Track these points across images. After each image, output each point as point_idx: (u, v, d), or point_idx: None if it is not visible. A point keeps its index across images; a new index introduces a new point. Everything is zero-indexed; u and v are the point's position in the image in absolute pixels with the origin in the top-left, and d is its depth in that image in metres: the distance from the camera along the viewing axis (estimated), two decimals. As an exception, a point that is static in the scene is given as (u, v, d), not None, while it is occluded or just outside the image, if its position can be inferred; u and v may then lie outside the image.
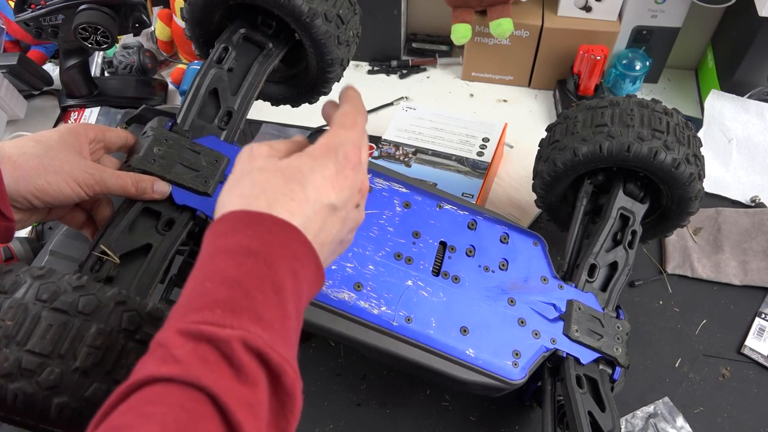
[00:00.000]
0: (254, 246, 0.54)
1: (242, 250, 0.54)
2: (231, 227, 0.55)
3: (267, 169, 0.59)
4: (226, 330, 0.49)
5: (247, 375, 0.48)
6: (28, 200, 0.70)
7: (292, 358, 0.53)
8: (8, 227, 0.68)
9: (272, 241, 0.55)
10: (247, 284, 0.53)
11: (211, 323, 0.49)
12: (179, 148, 0.83)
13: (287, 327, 0.54)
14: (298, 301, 0.56)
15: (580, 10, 1.40)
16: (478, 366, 0.80)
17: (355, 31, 1.00)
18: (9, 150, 0.69)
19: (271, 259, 0.54)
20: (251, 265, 0.54)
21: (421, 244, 0.87)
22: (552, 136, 1.01)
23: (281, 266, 0.55)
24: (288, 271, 0.55)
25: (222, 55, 0.92)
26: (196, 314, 0.50)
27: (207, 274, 0.53)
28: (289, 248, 0.56)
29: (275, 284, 0.54)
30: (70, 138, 0.75)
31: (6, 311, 0.61)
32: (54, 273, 0.66)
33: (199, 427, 0.44)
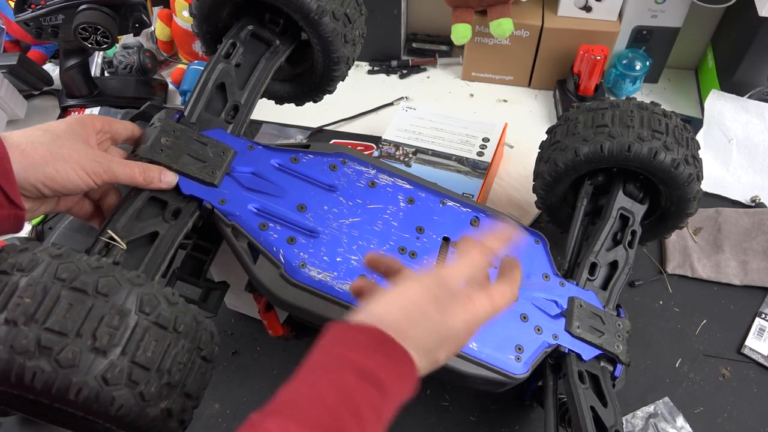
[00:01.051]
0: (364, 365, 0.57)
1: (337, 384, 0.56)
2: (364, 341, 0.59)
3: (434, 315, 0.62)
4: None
5: None
6: (37, 188, 0.70)
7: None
8: (18, 215, 0.68)
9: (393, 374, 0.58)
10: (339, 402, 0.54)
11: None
12: (186, 139, 0.83)
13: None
14: (392, 407, 0.58)
15: (580, 10, 1.41)
16: (481, 360, 0.80)
17: (360, 30, 1.00)
18: (17, 139, 0.70)
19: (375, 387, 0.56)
20: (344, 398, 0.55)
21: (425, 239, 0.87)
22: (553, 138, 1.02)
23: (380, 398, 0.56)
24: (388, 403, 0.57)
25: (230, 51, 0.93)
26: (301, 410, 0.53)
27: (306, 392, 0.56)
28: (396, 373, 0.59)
29: (372, 406, 0.55)
30: (77, 128, 0.75)
31: (25, 288, 0.62)
32: (72, 253, 0.66)
33: None
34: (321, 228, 0.83)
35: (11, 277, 0.63)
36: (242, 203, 0.82)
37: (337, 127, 1.47)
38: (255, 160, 0.86)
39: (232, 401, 1.03)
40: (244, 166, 0.85)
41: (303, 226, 0.83)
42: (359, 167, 0.90)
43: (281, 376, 1.05)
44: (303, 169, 0.87)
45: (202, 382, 0.72)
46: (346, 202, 0.86)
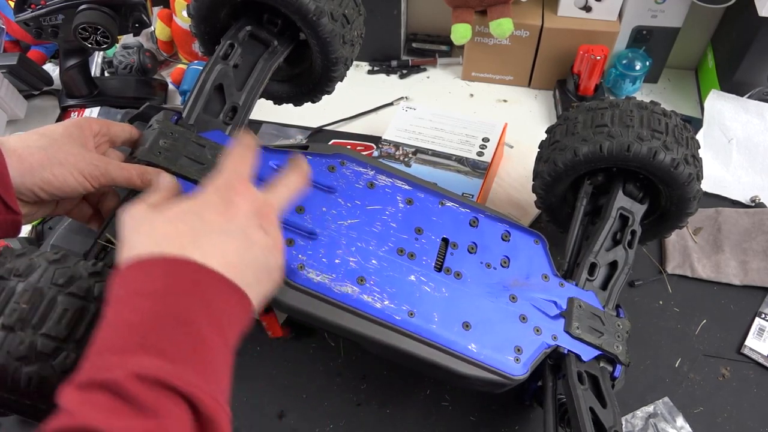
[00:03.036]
0: (146, 288, 0.55)
1: (133, 294, 0.55)
2: (124, 276, 0.57)
3: (147, 221, 0.61)
4: (114, 371, 0.49)
5: (142, 406, 0.48)
6: (34, 193, 0.70)
7: (211, 385, 0.53)
8: (15, 220, 0.68)
9: (170, 280, 0.56)
10: (140, 323, 0.53)
11: (100, 368, 0.50)
12: (185, 141, 0.83)
13: (202, 354, 0.54)
14: (219, 328, 0.56)
15: (580, 10, 1.41)
16: (480, 361, 0.80)
17: (359, 31, 1.00)
18: (14, 143, 0.69)
19: (172, 295, 0.55)
20: (144, 304, 0.54)
21: (424, 240, 0.87)
22: (552, 137, 1.02)
23: (184, 300, 0.55)
24: (196, 302, 0.55)
25: (228, 52, 0.93)
26: (88, 364, 0.51)
27: (104, 323, 0.54)
28: (190, 281, 0.57)
29: (179, 317, 0.54)
30: (74, 131, 0.75)
31: (21, 294, 0.62)
32: (69, 258, 0.66)
33: None
34: (319, 230, 0.83)
35: (8, 282, 0.63)
36: None
37: (336, 127, 1.47)
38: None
39: (232, 401, 1.02)
40: None
41: (301, 228, 0.83)
42: (358, 168, 0.90)
43: (281, 376, 1.05)
44: None
45: None
46: (344, 203, 0.86)
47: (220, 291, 0.58)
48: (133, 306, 0.54)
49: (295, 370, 1.07)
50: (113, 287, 0.56)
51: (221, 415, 0.52)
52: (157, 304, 0.54)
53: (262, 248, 0.63)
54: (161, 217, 0.61)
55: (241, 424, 1.01)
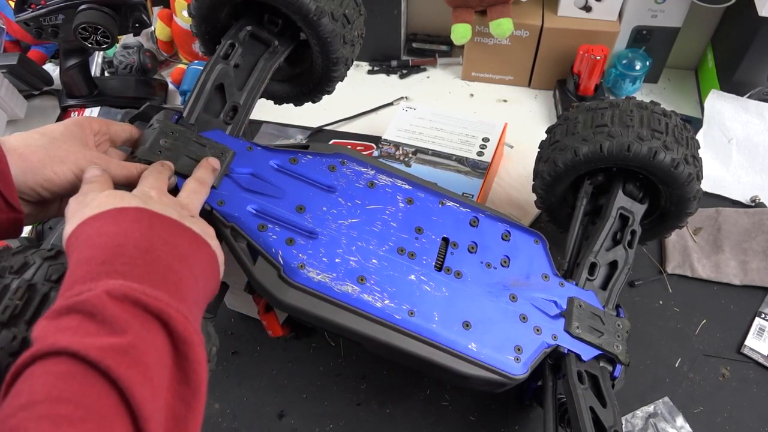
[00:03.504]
0: (106, 230, 0.58)
1: (94, 236, 0.57)
2: (76, 234, 0.59)
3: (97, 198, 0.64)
4: (84, 294, 0.50)
5: (113, 324, 0.49)
6: (36, 191, 0.70)
7: (183, 308, 0.54)
8: (17, 219, 0.68)
9: (128, 220, 0.60)
10: (105, 256, 0.55)
11: (69, 297, 0.51)
12: (185, 140, 0.83)
13: (171, 279, 0.56)
14: (181, 259, 0.59)
15: (580, 10, 1.41)
16: (480, 360, 0.80)
17: (359, 31, 1.00)
18: (14, 142, 0.69)
19: (133, 231, 0.58)
20: (105, 240, 0.56)
21: (424, 239, 0.87)
22: (552, 137, 1.02)
23: (146, 234, 0.58)
24: (156, 236, 0.59)
25: (228, 51, 0.93)
26: (58, 300, 0.52)
27: (69, 270, 0.56)
28: (147, 220, 0.60)
29: (141, 247, 0.56)
30: (74, 129, 0.75)
31: (15, 291, 0.62)
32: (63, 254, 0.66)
33: (73, 384, 0.45)
34: (320, 229, 0.83)
35: (3, 280, 0.63)
36: (241, 204, 0.82)
37: (337, 126, 1.47)
38: (254, 161, 0.86)
39: (232, 401, 1.03)
40: (242, 167, 0.85)
41: (302, 227, 0.83)
42: (358, 168, 0.90)
43: (281, 376, 1.06)
44: (302, 170, 0.87)
45: None
46: (345, 202, 0.86)
47: (175, 230, 0.62)
48: (96, 244, 0.56)
49: (295, 370, 1.07)
50: (74, 241, 0.58)
51: (193, 334, 0.53)
52: (119, 238, 0.56)
53: (199, 224, 0.68)
54: (109, 194, 0.65)
55: (241, 424, 1.01)
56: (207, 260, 0.64)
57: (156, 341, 0.51)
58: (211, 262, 0.65)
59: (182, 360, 0.52)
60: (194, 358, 0.53)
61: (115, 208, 0.61)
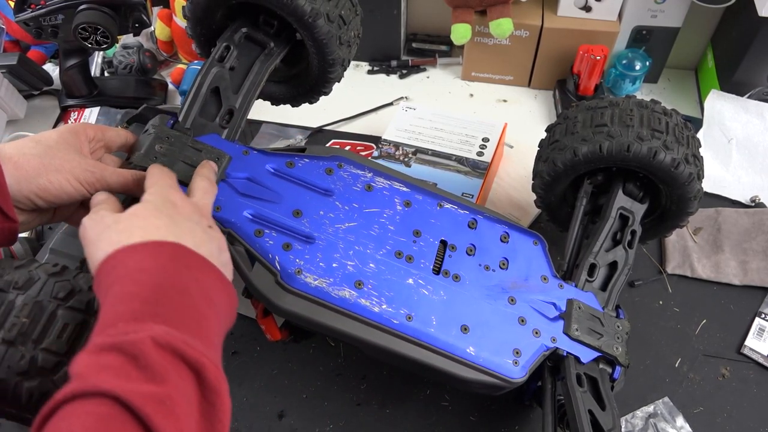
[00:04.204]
0: (145, 265, 0.58)
1: (134, 270, 0.57)
2: (112, 263, 0.59)
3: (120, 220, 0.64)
4: (130, 335, 0.50)
5: (154, 371, 0.49)
6: (31, 200, 0.70)
7: (213, 355, 0.55)
8: (12, 228, 0.68)
9: (165, 258, 0.59)
10: (147, 295, 0.55)
11: (114, 335, 0.51)
12: (181, 145, 0.83)
13: (203, 326, 0.57)
14: (210, 301, 0.59)
15: (580, 10, 1.40)
16: (478, 364, 0.80)
17: (356, 31, 1.00)
18: (9, 151, 0.69)
19: (170, 270, 0.58)
20: (147, 278, 0.56)
21: (422, 242, 0.87)
22: (552, 137, 1.01)
23: (181, 274, 0.58)
24: (190, 277, 0.59)
25: (224, 54, 0.93)
26: (100, 335, 0.52)
27: (108, 302, 0.56)
28: (182, 259, 0.60)
29: (178, 288, 0.57)
30: (69, 137, 0.74)
31: (21, 308, 0.62)
32: (68, 270, 0.66)
33: (112, 429, 0.45)
34: (317, 233, 0.83)
35: (7, 295, 0.63)
36: (237, 210, 0.82)
37: (336, 127, 1.47)
38: (250, 166, 0.86)
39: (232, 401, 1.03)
40: (239, 172, 0.84)
41: (299, 232, 0.82)
42: (355, 170, 0.89)
43: (281, 376, 1.06)
44: (299, 174, 0.87)
45: None
46: (342, 206, 0.86)
47: (204, 269, 0.62)
48: (137, 280, 0.56)
49: (295, 371, 1.07)
50: (110, 270, 0.58)
51: (222, 383, 0.54)
52: (159, 277, 0.57)
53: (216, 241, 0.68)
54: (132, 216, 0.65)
55: (241, 424, 1.01)
56: (228, 300, 0.65)
57: (189, 390, 0.51)
58: (231, 299, 0.66)
59: (209, 408, 0.52)
60: (221, 407, 0.53)
61: (153, 241, 0.60)
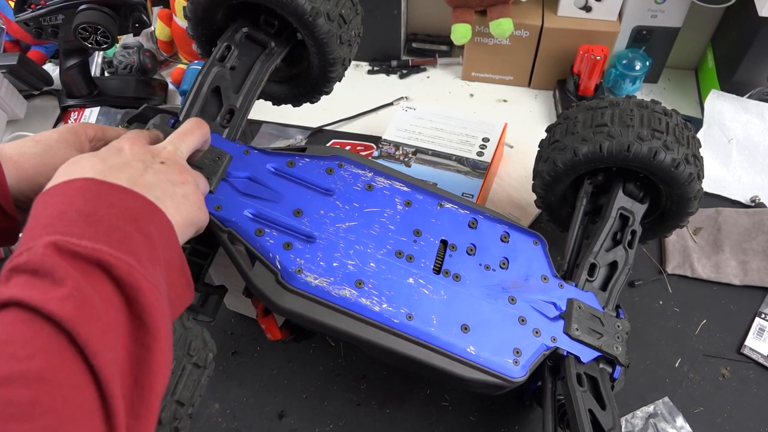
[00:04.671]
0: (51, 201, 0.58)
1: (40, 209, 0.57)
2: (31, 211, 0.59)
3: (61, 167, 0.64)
4: (24, 254, 0.51)
5: (54, 275, 0.49)
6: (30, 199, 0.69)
7: (124, 256, 0.54)
8: (12, 227, 0.68)
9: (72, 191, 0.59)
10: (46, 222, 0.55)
11: (12, 259, 0.51)
12: None
13: (114, 236, 0.55)
14: (132, 221, 0.58)
15: (580, 10, 1.40)
16: (479, 364, 0.80)
17: (356, 30, 1.00)
18: (9, 151, 0.69)
19: (78, 199, 0.58)
20: (49, 211, 0.56)
21: (422, 242, 0.87)
22: (552, 137, 1.01)
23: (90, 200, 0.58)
24: (102, 202, 0.58)
25: (224, 54, 0.92)
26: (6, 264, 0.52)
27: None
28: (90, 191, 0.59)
29: (81, 212, 0.56)
30: (69, 137, 0.75)
31: None
32: None
33: (21, 328, 0.46)
34: (317, 233, 0.83)
35: None
36: (238, 209, 0.82)
37: (337, 127, 1.47)
38: (251, 165, 0.86)
39: (232, 401, 1.03)
40: (239, 171, 0.84)
41: (299, 231, 0.82)
42: (356, 170, 0.89)
43: (281, 376, 1.06)
44: (299, 173, 0.87)
45: (195, 389, 0.72)
46: (342, 206, 0.86)
47: (126, 196, 0.60)
48: (41, 215, 0.56)
49: (295, 371, 1.07)
50: (30, 214, 0.58)
51: (140, 280, 0.53)
52: (62, 206, 0.56)
53: (167, 173, 0.67)
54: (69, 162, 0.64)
55: (241, 424, 1.01)
56: (161, 224, 0.63)
57: (102, 288, 0.51)
58: (166, 227, 0.63)
59: (133, 305, 0.52)
60: (144, 301, 0.53)
61: (63, 180, 0.60)
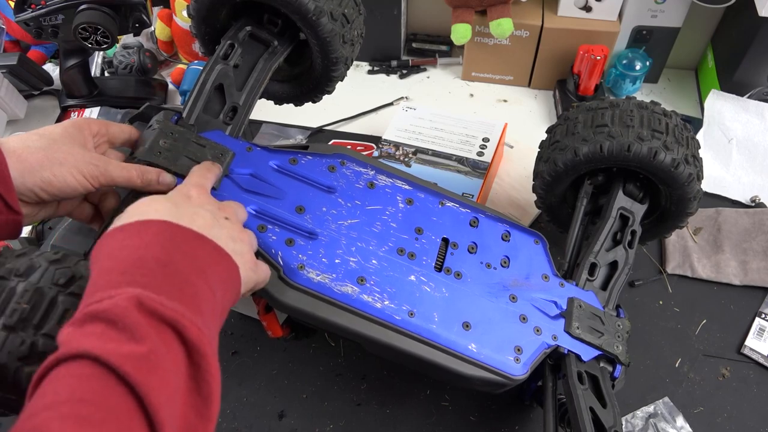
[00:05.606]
0: (127, 243, 0.59)
1: (116, 248, 0.59)
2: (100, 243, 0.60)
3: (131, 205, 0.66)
4: (105, 301, 0.51)
5: (133, 331, 0.50)
6: (35, 193, 0.70)
7: (198, 320, 0.55)
8: (16, 221, 0.68)
9: (151, 234, 0.60)
10: (126, 266, 0.56)
11: (92, 304, 0.52)
12: (185, 141, 0.83)
13: (187, 292, 0.57)
14: (201, 273, 0.60)
15: (580, 10, 1.41)
16: (480, 361, 0.80)
17: (359, 31, 1.00)
18: (13, 144, 0.69)
19: (155, 244, 0.59)
20: (127, 253, 0.57)
21: (424, 240, 0.87)
22: (552, 137, 1.02)
23: (166, 248, 0.59)
24: (177, 251, 0.60)
25: (228, 52, 0.93)
26: (81, 306, 0.53)
27: (91, 279, 0.57)
28: (170, 235, 0.61)
29: (157, 259, 0.57)
30: (73, 131, 0.75)
31: (22, 294, 0.62)
32: (69, 258, 0.66)
33: (95, 387, 0.46)
34: (320, 230, 0.83)
35: (9, 282, 0.63)
36: None
37: (337, 127, 1.47)
38: (253, 162, 0.86)
39: (232, 401, 1.03)
40: (242, 168, 0.85)
41: (302, 228, 0.83)
42: (358, 168, 0.90)
43: (281, 376, 1.06)
44: (302, 171, 0.87)
45: None
46: (344, 203, 0.86)
47: (196, 243, 0.62)
48: (118, 256, 0.57)
49: (295, 371, 1.07)
50: (98, 250, 0.59)
51: (206, 345, 0.54)
52: (140, 250, 0.58)
53: (229, 229, 0.68)
54: (139, 203, 0.66)
55: (241, 424, 1.01)
56: (226, 271, 0.65)
57: (171, 350, 0.52)
58: (231, 273, 0.65)
59: (196, 370, 0.53)
60: (207, 368, 0.53)
61: (139, 220, 0.61)
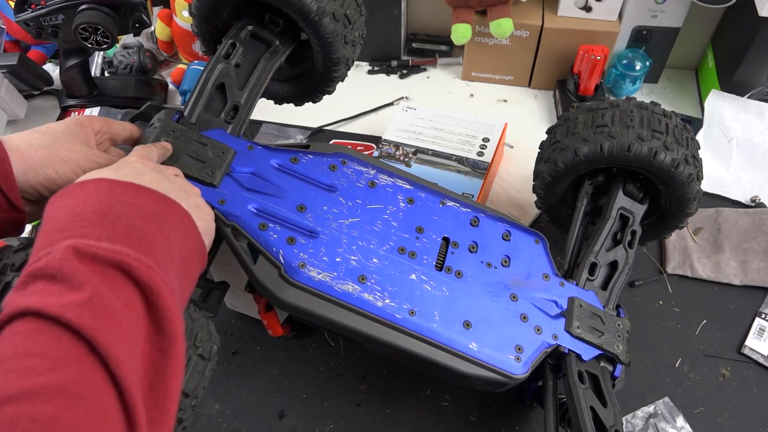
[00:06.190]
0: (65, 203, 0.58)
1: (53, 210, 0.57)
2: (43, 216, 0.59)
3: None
4: (42, 259, 0.51)
5: (72, 280, 0.49)
6: (37, 191, 0.70)
7: (145, 257, 0.54)
8: (19, 219, 0.68)
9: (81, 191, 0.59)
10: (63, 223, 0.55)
11: (31, 264, 0.51)
12: (186, 139, 0.83)
13: (132, 236, 0.56)
14: (147, 219, 0.59)
15: (580, 10, 1.41)
16: (480, 360, 0.80)
17: (360, 31, 1.01)
18: (16, 142, 0.69)
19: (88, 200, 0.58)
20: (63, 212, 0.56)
21: (425, 239, 0.87)
22: (553, 138, 1.02)
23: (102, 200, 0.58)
24: (117, 201, 0.58)
25: (229, 51, 0.93)
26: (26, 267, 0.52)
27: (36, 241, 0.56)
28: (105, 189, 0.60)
29: (97, 211, 0.56)
30: (75, 129, 0.75)
31: None
32: None
33: (39, 339, 0.46)
34: (321, 228, 0.83)
35: (5, 277, 0.63)
36: (242, 203, 0.82)
37: (337, 127, 1.47)
38: (255, 161, 0.86)
39: (232, 401, 1.03)
40: (243, 167, 0.85)
41: (303, 227, 0.83)
42: (359, 167, 0.90)
43: (281, 375, 1.05)
44: (303, 170, 0.87)
45: (200, 381, 0.72)
46: (345, 202, 0.86)
47: (142, 194, 0.61)
48: (55, 217, 0.56)
49: (295, 370, 1.07)
50: (42, 215, 0.59)
51: (160, 283, 0.53)
52: (77, 207, 0.57)
53: (179, 183, 0.70)
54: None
55: (241, 423, 1.01)
56: (178, 218, 0.64)
57: (120, 292, 0.51)
58: (184, 221, 0.64)
59: (152, 308, 0.52)
60: (164, 306, 0.53)
61: (80, 181, 0.61)
